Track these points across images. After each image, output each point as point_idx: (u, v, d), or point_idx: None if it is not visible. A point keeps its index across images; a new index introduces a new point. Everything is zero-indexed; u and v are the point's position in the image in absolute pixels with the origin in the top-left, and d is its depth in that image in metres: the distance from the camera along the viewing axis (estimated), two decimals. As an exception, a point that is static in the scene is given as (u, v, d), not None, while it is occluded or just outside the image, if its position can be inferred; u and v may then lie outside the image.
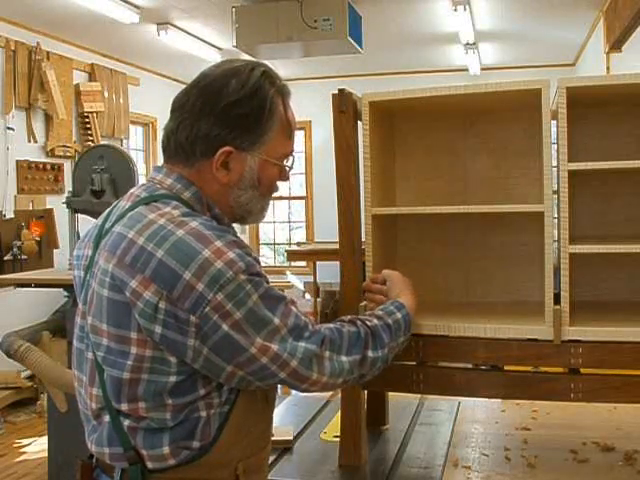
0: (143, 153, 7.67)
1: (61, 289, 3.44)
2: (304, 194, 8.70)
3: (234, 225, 1.28)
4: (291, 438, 1.91)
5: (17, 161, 5.49)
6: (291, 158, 1.28)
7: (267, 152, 1.21)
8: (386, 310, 1.35)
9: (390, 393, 2.04)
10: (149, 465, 1.11)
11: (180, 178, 1.19)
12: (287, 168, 1.27)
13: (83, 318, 1.17)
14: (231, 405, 1.14)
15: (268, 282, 1.15)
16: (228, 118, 1.17)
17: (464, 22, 5.64)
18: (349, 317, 1.29)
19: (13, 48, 5.41)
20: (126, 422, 1.11)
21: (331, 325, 1.22)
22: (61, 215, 4.78)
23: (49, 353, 3.00)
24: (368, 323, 1.27)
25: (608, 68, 5.31)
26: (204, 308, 1.05)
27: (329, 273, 7.29)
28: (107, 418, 1.13)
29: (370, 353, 1.24)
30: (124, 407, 1.11)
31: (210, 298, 1.05)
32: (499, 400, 2.21)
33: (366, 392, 1.90)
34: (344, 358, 1.19)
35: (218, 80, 1.18)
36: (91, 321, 1.14)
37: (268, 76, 1.21)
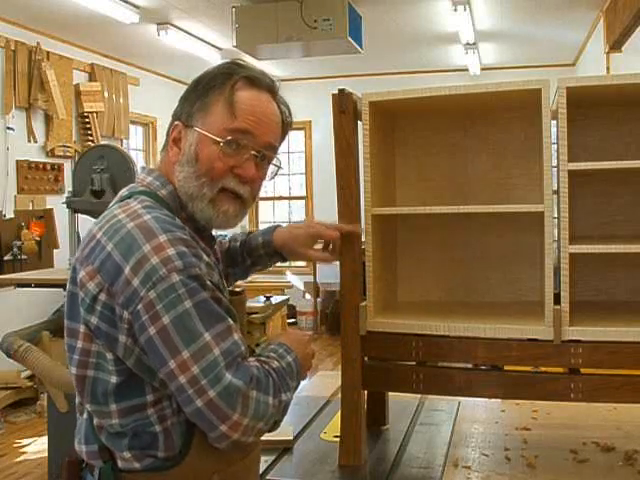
0: (143, 153, 7.67)
1: (61, 289, 3.43)
2: (304, 194, 8.70)
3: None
4: (291, 438, 1.90)
5: (17, 161, 5.49)
6: (236, 135, 1.17)
7: (206, 127, 1.17)
8: (277, 353, 1.19)
9: (390, 393, 2.04)
10: (119, 464, 1.11)
11: (159, 177, 1.21)
12: (222, 141, 1.16)
13: None
14: None
15: (217, 297, 1.09)
16: (186, 95, 1.22)
17: (464, 22, 5.64)
18: (253, 358, 1.15)
19: (13, 48, 5.41)
20: (95, 420, 1.12)
21: (257, 363, 1.11)
22: (61, 215, 4.77)
23: (49, 353, 3.00)
24: (273, 365, 1.14)
25: (608, 68, 5.31)
26: (136, 305, 1.03)
27: (329, 273, 7.30)
28: (85, 414, 1.15)
29: (284, 397, 1.14)
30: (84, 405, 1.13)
31: (142, 295, 1.03)
32: (499, 400, 2.20)
33: (366, 392, 1.90)
34: (270, 400, 1.09)
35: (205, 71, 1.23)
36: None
37: (246, 70, 1.21)
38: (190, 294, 1.04)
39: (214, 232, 1.30)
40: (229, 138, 1.17)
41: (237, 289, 3.61)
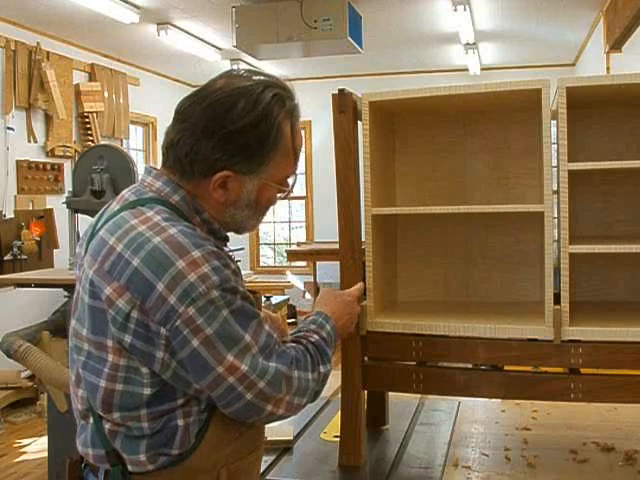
0: (143, 153, 7.67)
1: (61, 289, 3.43)
2: (304, 194, 8.70)
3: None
4: (291, 438, 1.90)
5: (17, 161, 5.49)
6: (293, 178, 1.25)
7: (267, 176, 1.18)
8: (317, 323, 1.29)
9: (390, 393, 2.04)
10: (129, 468, 1.11)
11: (169, 182, 1.16)
12: (287, 189, 1.24)
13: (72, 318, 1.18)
14: (210, 412, 1.12)
15: (246, 296, 1.12)
16: (231, 144, 1.12)
17: (464, 22, 5.64)
18: (290, 337, 1.25)
19: (13, 48, 5.41)
20: (107, 425, 1.12)
21: (293, 344, 1.20)
22: (61, 215, 4.77)
23: (49, 353, 3.00)
24: (312, 340, 1.23)
25: (608, 68, 5.30)
26: (174, 321, 1.03)
27: (329, 273, 7.30)
28: (91, 420, 1.14)
29: (322, 369, 1.21)
30: (101, 413, 1.12)
31: (181, 312, 1.03)
32: (499, 400, 2.21)
33: (366, 392, 1.90)
34: (310, 376, 1.17)
35: (226, 99, 1.12)
36: (74, 324, 1.15)
37: (279, 99, 1.16)
38: (227, 304, 1.07)
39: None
40: (292, 183, 1.24)
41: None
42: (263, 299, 5.59)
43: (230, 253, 1.19)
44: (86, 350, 1.11)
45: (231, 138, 1.12)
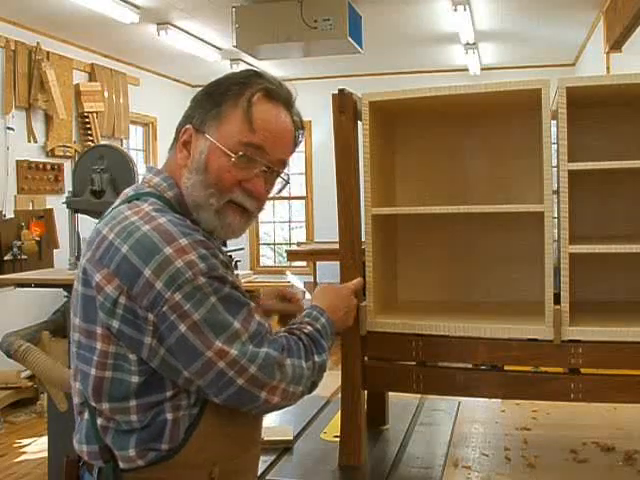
0: (143, 153, 7.65)
1: (61, 289, 3.43)
2: (304, 194, 8.69)
3: None
4: (291, 438, 1.90)
5: (17, 161, 5.49)
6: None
7: (217, 136, 1.16)
8: (311, 316, 1.29)
9: (390, 393, 2.04)
10: (120, 464, 1.12)
11: (167, 178, 1.20)
12: (235, 157, 1.15)
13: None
14: (201, 407, 1.13)
15: (236, 286, 1.12)
16: (200, 99, 1.21)
17: (464, 22, 5.64)
18: (283, 329, 1.25)
19: (13, 48, 5.41)
20: (99, 420, 1.12)
21: (285, 334, 1.20)
22: (61, 215, 4.77)
23: (49, 353, 3.00)
24: (305, 331, 1.23)
25: (608, 68, 5.31)
26: (161, 307, 1.04)
27: (329, 273, 7.30)
28: (86, 415, 1.15)
29: (317, 358, 1.21)
30: (93, 405, 1.12)
31: (167, 297, 1.04)
32: (499, 400, 2.20)
33: (366, 392, 1.90)
34: (304, 364, 1.17)
35: (221, 79, 1.21)
36: (72, 317, 1.16)
37: (264, 81, 1.20)
38: (215, 291, 1.08)
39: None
40: (241, 153, 1.16)
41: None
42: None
43: (229, 253, 1.20)
44: (77, 340, 1.13)
45: (203, 94, 1.21)
